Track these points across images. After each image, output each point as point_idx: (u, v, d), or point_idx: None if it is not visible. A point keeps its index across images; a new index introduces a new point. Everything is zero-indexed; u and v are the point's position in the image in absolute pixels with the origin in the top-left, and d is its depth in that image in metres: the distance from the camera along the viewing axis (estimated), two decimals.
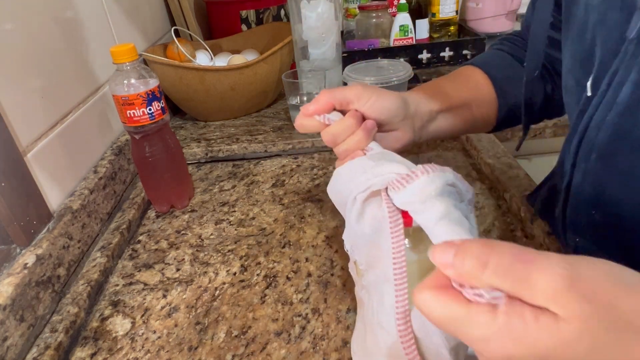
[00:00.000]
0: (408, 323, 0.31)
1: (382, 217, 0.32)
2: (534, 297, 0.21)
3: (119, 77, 0.56)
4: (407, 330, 0.31)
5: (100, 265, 0.53)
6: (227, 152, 0.78)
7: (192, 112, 0.91)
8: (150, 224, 0.63)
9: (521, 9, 1.28)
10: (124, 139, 0.73)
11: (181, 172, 0.66)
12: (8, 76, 0.49)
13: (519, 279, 0.21)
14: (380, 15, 1.09)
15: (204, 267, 0.54)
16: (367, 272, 0.35)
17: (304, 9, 0.79)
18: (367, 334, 0.35)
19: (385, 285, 0.32)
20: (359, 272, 0.37)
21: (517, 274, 0.21)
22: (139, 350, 0.44)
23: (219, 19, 1.10)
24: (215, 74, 0.82)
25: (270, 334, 0.44)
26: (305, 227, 0.59)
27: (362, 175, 0.34)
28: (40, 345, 0.44)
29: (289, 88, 0.79)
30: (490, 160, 0.66)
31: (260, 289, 0.50)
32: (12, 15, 0.51)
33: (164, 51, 0.91)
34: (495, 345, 0.21)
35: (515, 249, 0.22)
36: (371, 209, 0.33)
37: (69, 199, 0.56)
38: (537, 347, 0.21)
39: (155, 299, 0.50)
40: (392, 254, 0.31)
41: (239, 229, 0.60)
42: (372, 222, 0.33)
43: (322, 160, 0.76)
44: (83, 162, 0.63)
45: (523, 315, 0.21)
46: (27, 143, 0.51)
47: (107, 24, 0.75)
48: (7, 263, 0.46)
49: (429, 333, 0.30)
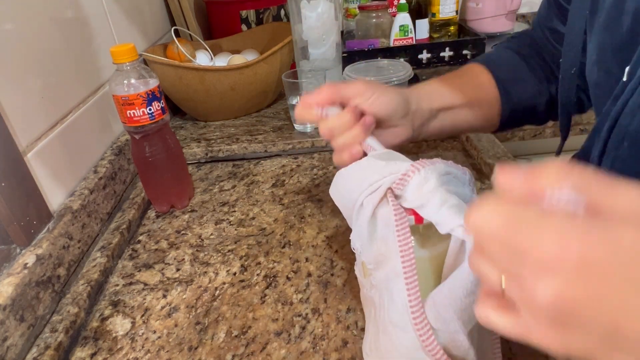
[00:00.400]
0: (423, 315, 0.31)
1: (389, 214, 0.32)
2: (614, 209, 0.19)
3: (119, 77, 0.56)
4: (424, 322, 0.31)
5: (100, 265, 0.53)
6: (227, 152, 0.78)
7: (192, 112, 0.91)
8: (150, 224, 0.63)
9: (521, 9, 1.28)
10: (124, 139, 0.73)
11: (181, 172, 0.66)
12: (8, 76, 0.49)
13: (601, 190, 0.19)
14: (380, 15, 1.09)
15: (204, 267, 0.54)
16: (377, 271, 0.35)
17: (304, 9, 0.79)
18: (379, 334, 0.35)
19: (395, 282, 0.32)
20: (367, 272, 0.37)
21: (600, 185, 0.19)
22: (139, 350, 0.44)
23: (219, 19, 1.10)
24: (215, 74, 0.82)
25: (270, 334, 0.44)
26: (305, 227, 0.59)
27: (371, 176, 0.35)
28: (40, 345, 0.44)
29: (289, 88, 0.79)
30: (490, 160, 0.66)
31: (260, 289, 0.50)
32: (12, 15, 0.51)
33: (164, 51, 0.91)
34: (575, 246, 0.18)
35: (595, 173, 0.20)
36: (379, 208, 0.34)
37: (69, 199, 0.56)
38: (621, 245, 0.18)
39: (155, 299, 0.50)
40: (398, 247, 0.31)
41: (239, 229, 0.60)
42: (381, 221, 0.34)
43: (322, 160, 0.76)
44: (83, 162, 0.63)
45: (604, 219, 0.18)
46: (27, 143, 0.51)
47: (107, 24, 0.75)
48: (7, 263, 0.46)
49: (446, 321, 0.30)
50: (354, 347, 0.42)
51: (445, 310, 0.30)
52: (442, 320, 0.31)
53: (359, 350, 0.42)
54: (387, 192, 0.33)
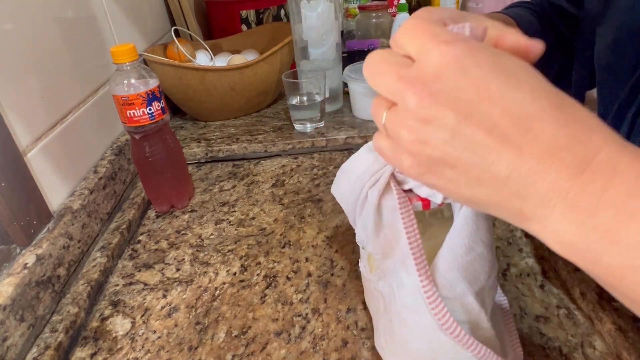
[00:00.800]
0: (436, 293, 0.31)
1: (393, 200, 0.33)
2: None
3: (119, 77, 0.56)
4: (437, 301, 0.30)
5: (100, 265, 0.53)
6: (227, 152, 0.78)
7: (192, 112, 0.91)
8: (150, 224, 0.63)
9: None
10: (124, 139, 0.73)
11: (181, 172, 0.66)
12: (8, 76, 0.49)
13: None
14: (380, 15, 1.09)
15: (204, 267, 0.54)
16: (384, 261, 0.35)
17: (304, 9, 0.79)
18: (393, 323, 0.35)
19: (404, 265, 0.32)
20: (373, 266, 0.37)
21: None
22: (139, 350, 0.44)
23: (219, 19, 1.10)
24: (215, 74, 0.82)
25: (270, 334, 0.44)
26: (305, 227, 0.59)
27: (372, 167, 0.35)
28: (40, 345, 0.44)
29: (289, 88, 0.79)
30: None
31: (260, 289, 0.50)
32: (12, 15, 0.51)
33: (164, 51, 0.91)
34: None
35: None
36: (384, 196, 0.34)
37: (69, 199, 0.56)
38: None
39: (155, 299, 0.50)
40: (404, 228, 0.31)
41: (239, 229, 0.60)
42: (386, 208, 0.34)
43: (322, 160, 0.76)
44: (83, 162, 0.63)
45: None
46: (27, 143, 0.51)
47: (107, 24, 0.75)
48: (7, 263, 0.46)
49: (452, 284, 0.31)
50: (354, 347, 0.42)
51: (449, 272, 0.31)
52: (448, 286, 0.31)
53: (359, 350, 0.42)
54: (390, 179, 0.33)
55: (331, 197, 0.64)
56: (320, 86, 0.78)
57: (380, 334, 0.39)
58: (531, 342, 0.41)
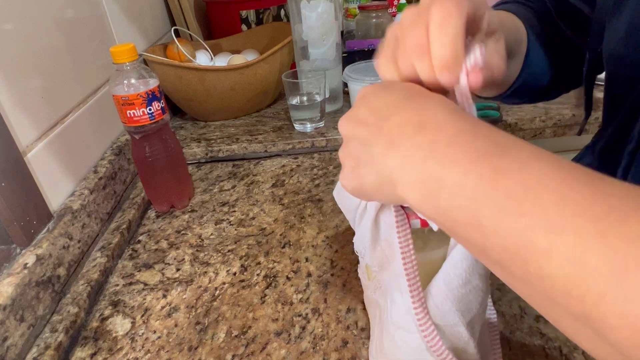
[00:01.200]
0: (427, 316, 0.31)
1: (391, 216, 0.33)
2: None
3: (119, 77, 0.56)
4: (428, 323, 0.30)
5: (100, 265, 0.53)
6: (227, 152, 0.78)
7: (192, 112, 0.91)
8: (150, 224, 0.63)
9: None
10: (124, 139, 0.73)
11: (181, 172, 0.66)
12: (8, 76, 0.49)
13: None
14: (380, 15, 1.09)
15: (204, 267, 0.54)
16: (381, 273, 0.35)
17: (304, 9, 0.79)
18: (383, 337, 0.35)
19: (397, 283, 0.32)
20: (371, 275, 0.37)
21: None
22: (139, 350, 0.44)
23: (219, 19, 1.10)
24: (215, 74, 0.82)
25: (270, 334, 0.44)
26: (305, 227, 0.59)
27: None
28: (40, 345, 0.44)
29: (289, 88, 0.79)
30: None
31: (260, 289, 0.50)
32: (12, 15, 0.51)
33: (164, 51, 0.91)
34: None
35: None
36: (382, 211, 0.34)
37: (69, 199, 0.56)
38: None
39: (155, 299, 0.50)
40: (399, 248, 0.31)
41: (239, 229, 0.60)
42: (384, 223, 0.34)
43: (322, 160, 0.76)
44: (83, 162, 0.63)
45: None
46: (27, 143, 0.51)
47: (107, 24, 0.75)
48: (7, 263, 0.46)
49: (445, 314, 0.30)
50: (354, 347, 0.42)
51: (443, 303, 0.30)
52: (440, 315, 0.31)
53: (359, 350, 0.42)
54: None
55: (331, 197, 0.64)
56: (320, 86, 0.78)
57: (373, 342, 0.39)
58: (531, 342, 0.41)
